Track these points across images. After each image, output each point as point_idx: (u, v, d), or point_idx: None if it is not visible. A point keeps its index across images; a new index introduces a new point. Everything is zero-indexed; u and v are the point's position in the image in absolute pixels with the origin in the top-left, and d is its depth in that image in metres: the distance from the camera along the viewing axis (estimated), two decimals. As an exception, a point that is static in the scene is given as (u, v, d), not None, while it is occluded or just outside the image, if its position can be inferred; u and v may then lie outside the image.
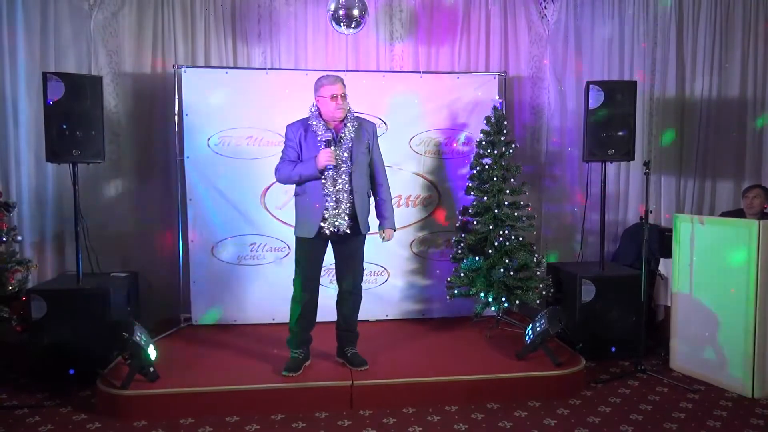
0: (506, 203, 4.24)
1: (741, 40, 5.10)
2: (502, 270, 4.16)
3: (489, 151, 4.30)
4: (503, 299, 4.18)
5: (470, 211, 4.38)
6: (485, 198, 4.26)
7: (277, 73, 4.57)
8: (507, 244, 4.18)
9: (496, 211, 4.23)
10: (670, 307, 4.15)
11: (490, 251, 4.21)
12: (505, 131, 4.31)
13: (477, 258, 4.23)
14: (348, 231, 3.43)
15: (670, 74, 5.12)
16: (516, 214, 4.25)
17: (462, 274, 4.28)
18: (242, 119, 4.46)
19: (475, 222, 4.31)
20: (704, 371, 3.80)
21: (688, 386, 3.69)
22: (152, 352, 3.45)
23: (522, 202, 4.32)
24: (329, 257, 3.63)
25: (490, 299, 4.19)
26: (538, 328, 3.72)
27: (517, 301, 4.18)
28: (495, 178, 4.24)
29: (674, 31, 5.10)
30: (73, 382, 3.71)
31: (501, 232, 4.20)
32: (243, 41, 4.78)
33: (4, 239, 4.04)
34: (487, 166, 4.31)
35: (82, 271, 4.01)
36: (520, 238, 4.24)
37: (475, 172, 4.36)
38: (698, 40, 5.13)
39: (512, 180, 4.31)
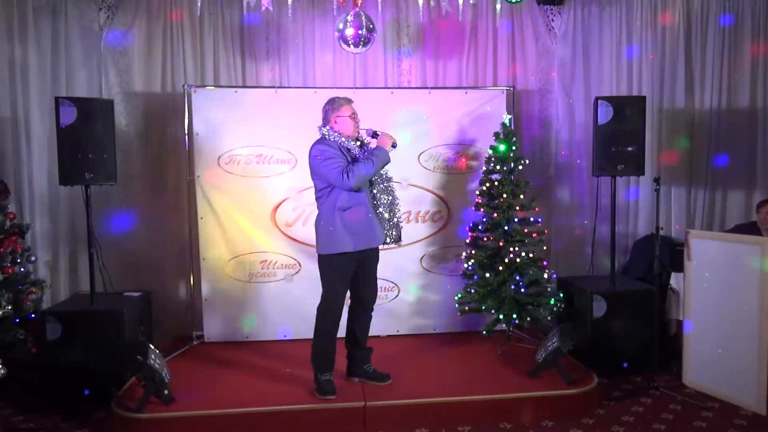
0: (516, 219, 4.25)
1: (750, 50, 5.06)
2: (512, 286, 4.16)
3: (498, 167, 4.31)
4: (514, 315, 4.17)
5: (480, 227, 4.38)
6: (495, 214, 4.27)
7: (285, 91, 4.60)
8: (518, 260, 4.19)
9: (506, 227, 4.23)
10: (682, 321, 4.14)
11: (500, 268, 4.21)
12: (514, 147, 4.32)
13: (488, 275, 4.23)
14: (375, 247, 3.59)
15: (679, 85, 5.09)
16: (526, 230, 4.25)
17: (473, 291, 4.28)
18: (252, 138, 4.49)
19: (485, 238, 4.31)
20: (718, 388, 3.78)
21: (701, 404, 3.68)
22: (167, 375, 3.47)
23: (532, 218, 4.32)
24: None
25: (501, 316, 4.19)
26: (549, 347, 3.71)
27: (528, 318, 4.19)
28: (505, 195, 4.25)
29: (683, 41, 5.07)
30: (88, 403, 3.74)
31: (511, 249, 4.20)
32: (252, 58, 4.81)
33: (19, 261, 4.10)
34: (496, 183, 4.31)
35: (95, 291, 4.04)
36: (531, 255, 4.24)
37: (484, 188, 4.36)
38: (707, 50, 5.09)
39: (522, 196, 4.31)
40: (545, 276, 4.25)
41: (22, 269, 4.16)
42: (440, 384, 3.71)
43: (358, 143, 3.55)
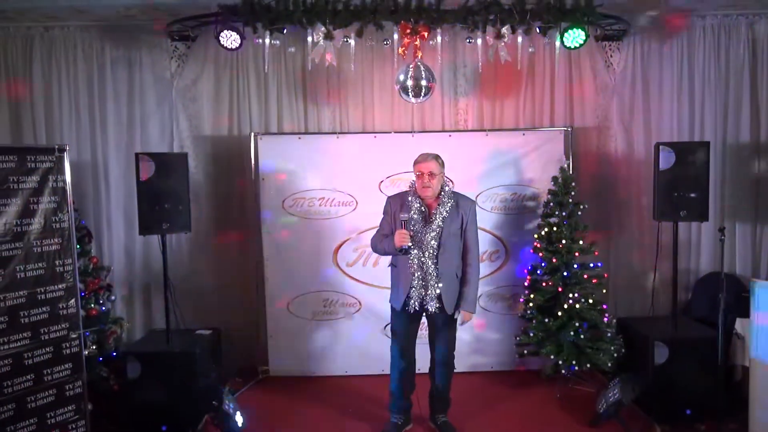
0: (576, 265, 4.26)
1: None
2: (572, 332, 4.18)
3: (557, 212, 4.33)
4: (573, 361, 4.19)
5: (539, 271, 4.41)
6: (554, 259, 4.29)
7: (346, 136, 4.75)
8: (577, 306, 4.20)
9: (565, 272, 4.25)
10: (747, 367, 4.06)
11: (559, 313, 4.23)
12: (573, 193, 4.33)
13: (546, 319, 4.26)
14: (435, 312, 3.53)
15: (744, 117, 4.97)
16: (586, 276, 4.26)
17: (531, 334, 4.32)
18: (314, 181, 4.67)
19: (544, 283, 4.34)
20: (786, 441, 3.71)
21: (769, 460, 3.62)
22: (239, 419, 3.67)
23: (592, 264, 4.32)
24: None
25: (560, 361, 4.21)
26: (611, 398, 3.72)
27: (588, 363, 4.19)
28: (564, 240, 4.26)
29: (748, 72, 4.95)
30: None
31: (570, 294, 4.21)
32: (313, 103, 4.97)
33: (101, 302, 4.40)
34: (555, 227, 4.33)
35: (170, 330, 4.29)
36: (590, 300, 4.25)
37: (543, 232, 4.39)
38: (774, 79, 4.97)
39: (581, 241, 4.31)
40: (605, 320, 4.24)
41: (104, 308, 4.46)
42: (501, 432, 3.79)
43: (417, 206, 3.51)
